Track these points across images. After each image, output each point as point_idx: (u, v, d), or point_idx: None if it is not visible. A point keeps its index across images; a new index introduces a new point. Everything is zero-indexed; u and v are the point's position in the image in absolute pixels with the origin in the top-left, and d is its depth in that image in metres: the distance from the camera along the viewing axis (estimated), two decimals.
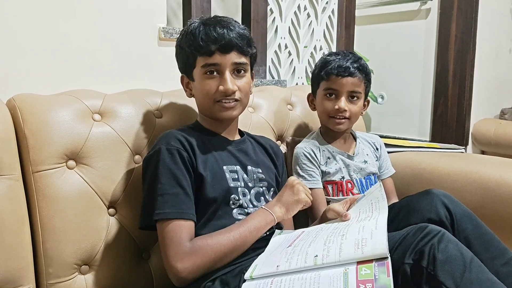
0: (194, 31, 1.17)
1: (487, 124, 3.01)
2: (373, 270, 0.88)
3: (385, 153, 1.61)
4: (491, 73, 3.09)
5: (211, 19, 1.20)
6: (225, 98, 1.18)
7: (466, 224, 1.17)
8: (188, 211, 1.08)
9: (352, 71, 1.42)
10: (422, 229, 0.98)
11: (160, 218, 1.06)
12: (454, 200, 1.21)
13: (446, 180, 1.56)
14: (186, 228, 1.06)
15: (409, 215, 1.21)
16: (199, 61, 1.17)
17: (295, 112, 1.68)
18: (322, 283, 0.89)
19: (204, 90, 1.18)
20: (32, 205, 1.12)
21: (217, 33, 1.15)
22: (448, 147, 1.90)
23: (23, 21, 1.37)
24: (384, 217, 1.03)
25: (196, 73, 1.19)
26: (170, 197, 1.07)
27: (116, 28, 1.55)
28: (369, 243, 0.94)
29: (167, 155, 1.10)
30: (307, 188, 1.21)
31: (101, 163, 1.19)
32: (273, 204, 1.16)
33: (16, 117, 1.14)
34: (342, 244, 0.96)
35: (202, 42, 1.15)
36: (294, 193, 1.17)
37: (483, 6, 2.89)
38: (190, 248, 1.04)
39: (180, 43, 1.21)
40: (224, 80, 1.16)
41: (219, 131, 1.25)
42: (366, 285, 0.86)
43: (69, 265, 1.13)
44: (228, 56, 1.16)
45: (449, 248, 0.93)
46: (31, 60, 1.39)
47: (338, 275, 0.89)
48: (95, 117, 1.23)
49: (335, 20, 2.42)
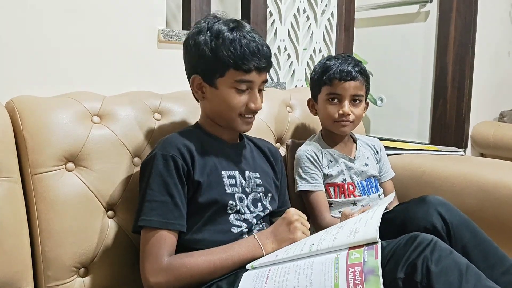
0: (233, 40, 1.11)
1: (486, 126, 3.01)
2: (363, 254, 0.90)
3: (385, 156, 1.61)
4: (490, 75, 3.09)
5: (241, 27, 1.15)
6: (251, 114, 1.18)
7: (464, 233, 1.13)
8: (175, 221, 1.07)
9: (354, 75, 1.42)
10: (413, 239, 0.94)
11: (144, 225, 1.06)
12: (450, 207, 1.17)
13: (446, 183, 1.56)
14: (167, 240, 1.05)
15: (404, 224, 1.15)
16: (231, 73, 1.12)
17: (295, 114, 1.68)
18: (315, 269, 0.92)
19: (231, 103, 1.15)
20: (31, 207, 1.12)
21: (260, 52, 1.13)
22: (448, 150, 1.90)
23: (22, 24, 1.37)
24: (381, 209, 1.04)
25: (222, 82, 1.14)
26: (158, 205, 1.06)
27: (116, 30, 1.55)
28: (361, 230, 0.96)
29: (161, 161, 1.09)
30: (306, 224, 1.12)
31: (100, 166, 1.19)
32: (266, 237, 1.09)
33: (15, 119, 1.14)
34: (337, 234, 1.00)
35: (245, 57, 1.11)
36: (290, 231, 1.08)
37: (482, 9, 2.89)
38: (166, 264, 1.03)
39: (205, 44, 1.13)
40: (255, 98, 1.16)
41: (221, 135, 1.23)
42: (355, 269, 0.88)
43: (67, 268, 1.12)
44: (263, 75, 1.16)
45: (442, 258, 0.90)
46: (30, 62, 1.39)
47: (330, 261, 0.92)
48: (94, 119, 1.22)
49: (334, 22, 2.42)
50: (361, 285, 0.85)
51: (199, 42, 1.14)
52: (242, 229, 1.15)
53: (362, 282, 0.85)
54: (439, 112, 3.05)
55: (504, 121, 3.10)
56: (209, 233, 1.12)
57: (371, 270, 0.86)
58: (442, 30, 2.99)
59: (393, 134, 3.23)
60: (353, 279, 0.86)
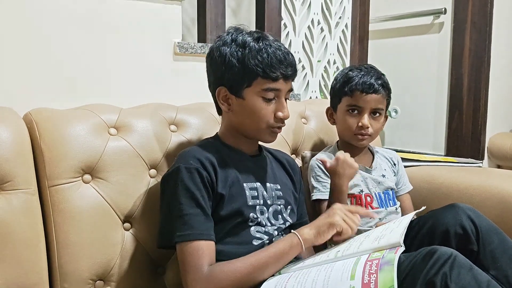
0: (259, 49, 1.11)
1: (503, 138, 2.97)
2: (383, 253, 0.92)
3: (403, 169, 1.59)
4: (506, 86, 3.05)
5: (265, 36, 1.15)
6: (279, 124, 1.17)
7: (492, 238, 1.14)
8: (208, 232, 1.07)
9: (376, 88, 1.41)
10: (431, 253, 0.91)
11: (181, 241, 1.05)
12: (479, 214, 1.19)
13: (465, 195, 1.54)
14: (205, 250, 1.05)
15: (434, 229, 1.18)
16: (259, 82, 1.12)
17: (310, 125, 1.67)
18: (335, 267, 0.94)
19: (260, 113, 1.14)
20: (47, 219, 1.12)
21: (287, 60, 1.13)
22: (466, 162, 1.87)
23: (40, 37, 1.39)
24: (408, 217, 1.05)
25: (249, 92, 1.13)
26: (190, 218, 1.06)
27: (132, 43, 1.56)
28: (386, 236, 0.98)
29: (186, 174, 1.08)
30: (351, 215, 1.09)
31: (117, 177, 1.19)
32: (304, 227, 1.09)
33: (32, 131, 1.14)
34: (363, 242, 1.02)
35: (272, 65, 1.11)
36: (329, 215, 1.08)
37: (497, 20, 2.87)
38: (207, 274, 1.02)
39: (231, 55, 1.13)
40: (282, 106, 1.16)
41: (241, 147, 1.22)
42: (373, 262, 0.90)
43: (84, 280, 1.12)
44: (289, 83, 1.16)
45: (462, 275, 0.87)
46: (48, 75, 1.40)
47: (351, 260, 0.95)
48: (111, 131, 1.23)
49: (348, 34, 2.42)
50: (375, 274, 0.86)
51: (225, 53, 1.14)
52: (263, 241, 1.14)
53: (377, 271, 0.86)
54: (454, 123, 3.02)
55: None
56: (230, 245, 1.11)
57: (387, 262, 0.88)
58: (457, 41, 2.97)
59: (408, 146, 3.20)
60: (369, 269, 0.88)
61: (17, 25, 1.35)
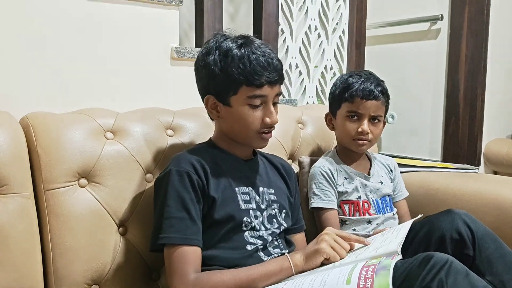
0: (241, 57, 1.10)
1: (499, 144, 2.98)
2: (380, 260, 0.93)
3: (399, 176, 1.60)
4: (502, 93, 3.06)
5: (250, 42, 1.14)
6: (268, 129, 1.17)
7: (488, 243, 1.15)
8: (193, 237, 1.06)
9: (376, 95, 1.41)
10: (427, 260, 0.91)
11: (165, 243, 1.06)
12: (475, 219, 1.20)
13: (461, 201, 1.54)
14: (191, 256, 1.05)
15: (430, 234, 1.19)
16: (244, 90, 1.12)
17: (307, 131, 1.67)
18: (332, 273, 0.94)
19: (247, 120, 1.14)
20: (43, 223, 1.11)
21: (271, 65, 1.12)
22: (462, 167, 1.88)
23: (37, 40, 1.39)
24: (406, 227, 1.06)
25: (236, 100, 1.13)
26: (176, 221, 1.06)
27: (129, 48, 1.56)
28: (384, 246, 0.99)
29: (176, 178, 1.08)
30: (341, 240, 1.07)
31: (113, 182, 1.19)
32: (296, 253, 1.09)
33: (29, 135, 1.14)
34: (362, 252, 1.03)
35: (255, 73, 1.10)
36: (317, 242, 1.07)
37: (494, 26, 2.88)
38: (193, 281, 1.02)
39: (214, 64, 1.12)
40: (270, 112, 1.15)
41: (235, 152, 1.23)
42: (370, 267, 0.90)
43: (79, 285, 1.12)
44: (276, 88, 1.15)
45: (458, 282, 0.87)
46: (45, 79, 1.40)
47: (348, 266, 0.95)
48: (108, 135, 1.23)
49: (345, 40, 2.43)
50: (371, 279, 0.86)
51: (209, 62, 1.14)
52: (257, 246, 1.14)
53: (372, 276, 0.86)
54: (451, 129, 3.03)
55: None
56: (223, 250, 1.11)
57: (383, 267, 0.88)
58: (454, 47, 2.98)
59: (405, 151, 3.21)
60: (365, 274, 0.88)
61: (14, 29, 1.35)
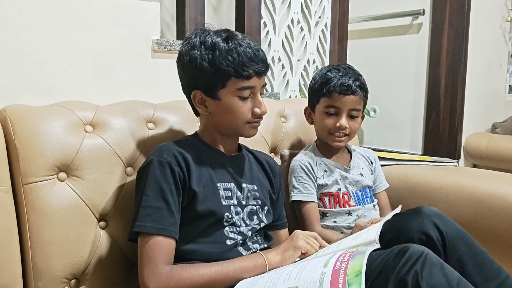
0: (229, 49, 1.11)
1: (479, 138, 3.02)
2: (358, 248, 0.95)
3: (379, 167, 1.61)
4: (483, 87, 3.11)
5: (234, 35, 1.15)
6: (257, 120, 1.18)
7: (459, 245, 1.13)
8: (169, 228, 1.05)
9: (354, 89, 1.42)
10: (403, 252, 0.93)
11: (139, 231, 1.05)
12: (446, 219, 1.17)
13: (439, 194, 1.56)
14: (165, 246, 1.04)
15: (398, 236, 1.15)
16: (233, 82, 1.12)
17: (289, 124, 1.68)
18: (311, 262, 0.96)
19: (238, 112, 1.15)
20: (21, 217, 1.10)
21: (257, 56, 1.13)
22: (441, 161, 1.90)
23: (14, 32, 1.36)
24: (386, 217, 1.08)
25: (225, 93, 1.14)
26: (153, 211, 1.05)
27: (110, 40, 1.54)
28: (363, 235, 1.01)
29: (157, 168, 1.08)
30: (312, 239, 1.12)
31: (93, 175, 1.18)
32: (270, 251, 1.11)
33: (7, 128, 1.13)
34: (341, 242, 1.05)
35: (244, 64, 1.11)
36: (293, 240, 1.11)
37: (474, 22, 2.92)
38: (167, 272, 1.01)
39: (201, 59, 1.12)
40: (259, 102, 1.17)
41: (219, 146, 1.23)
42: (347, 254, 0.92)
43: (58, 279, 1.11)
44: (262, 79, 1.17)
45: (433, 273, 0.89)
46: (23, 71, 1.38)
47: (327, 256, 0.97)
48: (87, 128, 1.21)
49: (328, 34, 2.43)
50: (346, 262, 0.88)
51: (195, 57, 1.13)
52: (236, 241, 1.14)
53: (348, 260, 0.89)
54: (432, 123, 3.07)
55: (497, 132, 3.12)
56: (203, 244, 1.11)
57: (360, 252, 0.90)
58: (435, 42, 3.01)
59: (386, 145, 3.24)
60: (341, 259, 0.90)
61: None
